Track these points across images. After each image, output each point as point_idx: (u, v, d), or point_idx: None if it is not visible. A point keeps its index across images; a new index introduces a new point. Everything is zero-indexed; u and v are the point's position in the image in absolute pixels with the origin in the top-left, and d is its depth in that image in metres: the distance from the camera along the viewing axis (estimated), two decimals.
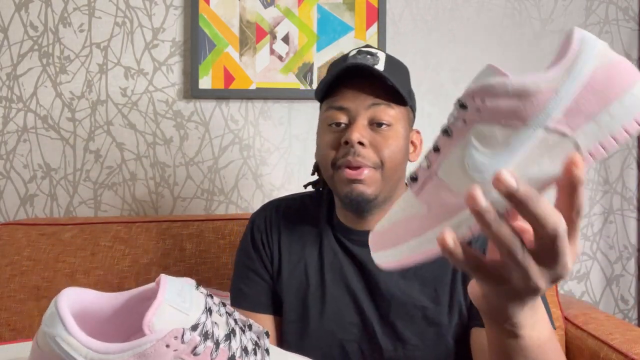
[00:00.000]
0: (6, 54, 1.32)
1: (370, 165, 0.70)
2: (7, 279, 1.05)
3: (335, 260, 0.78)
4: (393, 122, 0.73)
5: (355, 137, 0.69)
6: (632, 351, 0.86)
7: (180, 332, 0.35)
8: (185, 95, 1.33)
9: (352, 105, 0.72)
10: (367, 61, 0.72)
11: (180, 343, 0.35)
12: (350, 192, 0.71)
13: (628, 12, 1.37)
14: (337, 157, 0.72)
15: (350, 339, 0.76)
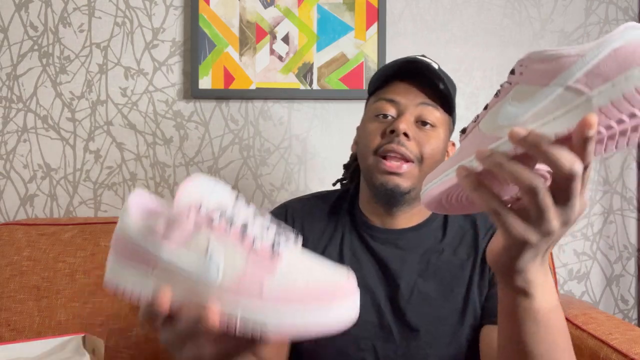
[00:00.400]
0: (6, 54, 1.32)
1: (412, 157, 0.73)
2: (7, 279, 1.05)
3: (354, 258, 0.79)
4: (437, 124, 0.76)
5: (402, 127, 0.72)
6: (632, 351, 0.86)
7: (198, 205, 0.42)
8: (185, 95, 1.33)
9: (403, 99, 0.75)
10: (424, 63, 0.75)
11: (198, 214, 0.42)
12: (387, 182, 0.73)
13: (628, 12, 1.37)
14: (381, 144, 0.74)
15: (366, 337, 0.76)
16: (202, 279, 0.41)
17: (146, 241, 0.43)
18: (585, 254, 1.38)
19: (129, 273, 0.44)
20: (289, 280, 0.41)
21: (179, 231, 0.42)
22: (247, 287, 0.41)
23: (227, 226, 0.42)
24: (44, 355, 0.76)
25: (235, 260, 0.41)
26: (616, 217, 1.38)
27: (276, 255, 0.42)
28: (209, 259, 0.41)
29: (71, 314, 1.03)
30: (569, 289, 1.38)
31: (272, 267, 0.41)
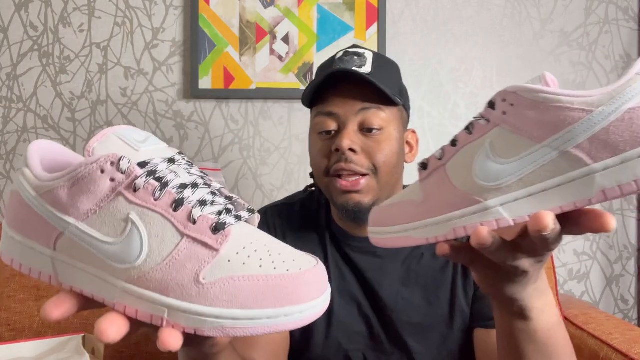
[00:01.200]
0: (6, 54, 1.32)
1: (364, 171, 0.68)
2: (7, 279, 1.05)
3: (338, 268, 0.77)
4: (384, 126, 0.70)
5: (345, 144, 0.67)
6: (632, 351, 0.86)
7: (117, 158, 0.31)
8: (185, 95, 1.33)
9: (340, 110, 0.70)
10: (354, 63, 0.70)
11: (116, 171, 0.31)
12: (347, 202, 0.70)
13: (628, 12, 1.37)
14: (329, 165, 0.70)
15: (356, 349, 0.75)
16: (119, 259, 0.31)
17: (44, 208, 0.32)
18: (585, 254, 1.38)
19: (23, 247, 0.34)
20: (235, 265, 0.31)
21: (88, 194, 0.31)
22: (179, 273, 0.31)
23: (155, 190, 0.32)
24: (44, 355, 0.76)
25: (166, 236, 0.31)
26: (616, 217, 1.38)
27: (219, 233, 0.32)
28: (129, 232, 0.31)
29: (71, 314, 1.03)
30: (569, 289, 1.38)
31: (214, 249, 0.31)
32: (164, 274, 0.31)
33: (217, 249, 0.31)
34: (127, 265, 0.31)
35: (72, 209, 0.32)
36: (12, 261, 0.35)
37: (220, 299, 0.30)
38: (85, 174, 0.31)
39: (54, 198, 0.32)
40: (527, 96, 0.33)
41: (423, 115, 1.35)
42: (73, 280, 0.33)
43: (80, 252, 0.32)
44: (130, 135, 0.34)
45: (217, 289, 0.30)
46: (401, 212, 0.39)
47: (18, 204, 0.34)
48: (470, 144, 0.36)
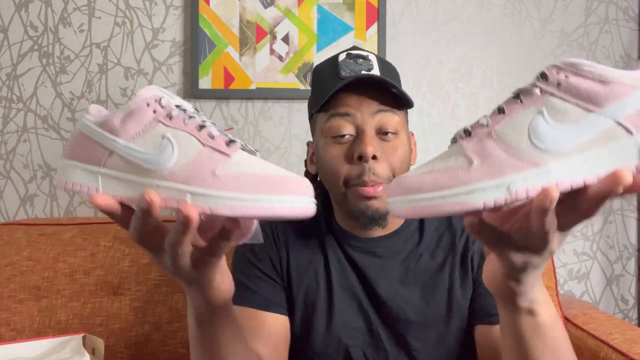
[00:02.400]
0: (6, 54, 1.32)
1: (385, 181, 0.69)
2: (7, 279, 1.05)
3: (340, 266, 0.78)
4: (399, 129, 0.71)
5: (370, 150, 0.67)
6: (632, 351, 0.86)
7: (159, 97, 0.42)
8: (185, 95, 1.33)
9: (357, 112, 0.69)
10: (362, 66, 0.70)
11: (159, 106, 0.42)
12: (366, 209, 0.70)
13: (628, 12, 1.37)
14: (350, 174, 0.69)
15: (356, 345, 0.76)
16: (154, 163, 0.41)
17: (101, 136, 0.43)
18: (585, 254, 1.38)
19: (77, 170, 0.44)
20: (243, 166, 0.40)
21: (136, 121, 0.42)
22: (200, 169, 0.40)
23: (185, 118, 0.42)
24: (44, 355, 0.76)
25: (191, 146, 0.41)
26: (616, 217, 1.38)
27: (232, 144, 0.42)
28: (164, 145, 0.41)
29: (71, 314, 1.03)
30: (569, 289, 1.38)
31: (226, 155, 0.41)
32: (188, 171, 0.40)
33: (229, 154, 0.41)
34: (160, 167, 0.41)
35: (123, 132, 0.42)
36: (65, 183, 0.44)
37: (231, 185, 0.39)
38: (135, 107, 0.42)
39: (109, 125, 0.42)
40: (583, 69, 0.36)
41: (423, 115, 1.35)
42: (114, 189, 0.42)
43: (125, 165, 0.42)
44: (167, 91, 0.45)
45: (228, 179, 0.39)
46: (445, 177, 0.37)
47: (77, 139, 0.44)
48: (522, 111, 0.38)
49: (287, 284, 0.79)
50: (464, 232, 0.77)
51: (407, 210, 0.39)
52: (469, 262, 0.76)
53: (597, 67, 0.36)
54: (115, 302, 1.04)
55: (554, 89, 0.37)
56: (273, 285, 0.78)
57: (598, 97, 0.35)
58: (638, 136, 0.35)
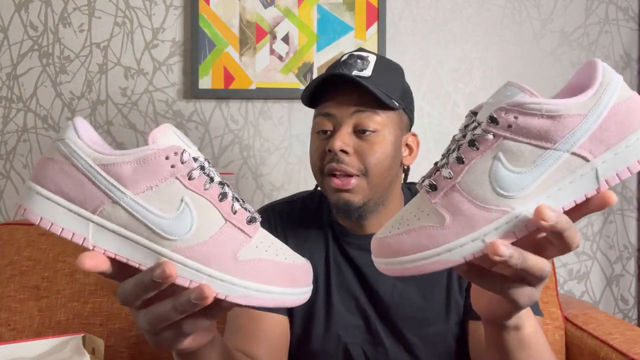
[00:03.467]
0: (6, 54, 1.32)
1: (355, 172, 0.70)
2: (7, 279, 1.05)
3: (337, 264, 0.79)
4: (379, 128, 0.72)
5: (337, 145, 0.69)
6: (632, 351, 0.86)
7: (181, 150, 0.38)
8: (185, 95, 1.33)
9: (336, 112, 0.72)
10: (356, 66, 0.72)
11: (179, 161, 0.38)
12: (337, 200, 0.72)
13: (628, 12, 1.37)
14: (323, 164, 0.73)
15: (355, 342, 0.76)
16: (168, 230, 0.37)
17: (102, 180, 0.37)
18: (585, 254, 1.38)
19: (60, 209, 0.37)
20: (261, 250, 0.39)
21: (150, 173, 0.37)
22: (221, 249, 0.37)
23: (206, 182, 0.38)
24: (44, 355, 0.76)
25: (212, 219, 0.38)
26: (616, 217, 1.38)
27: (253, 223, 0.40)
28: (181, 210, 0.37)
29: (71, 314, 1.03)
30: (569, 289, 1.38)
31: (247, 235, 0.39)
32: (208, 248, 0.37)
33: (251, 235, 0.39)
34: (176, 237, 0.37)
35: (132, 183, 0.37)
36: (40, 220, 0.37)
37: (250, 274, 0.38)
38: (152, 156, 0.37)
39: (115, 171, 0.37)
40: (530, 108, 0.37)
41: (423, 115, 1.35)
42: (108, 244, 0.37)
43: (129, 221, 0.37)
44: (180, 134, 0.40)
45: (248, 266, 0.38)
46: (423, 237, 0.39)
47: (62, 169, 0.37)
48: (480, 158, 0.38)
49: None
50: None
51: (395, 271, 0.40)
52: None
53: (542, 103, 0.36)
54: (115, 302, 1.04)
55: (505, 131, 0.37)
56: None
57: (549, 133, 0.36)
58: (594, 161, 0.36)
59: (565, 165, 0.37)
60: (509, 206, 0.37)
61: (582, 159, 0.36)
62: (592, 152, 0.36)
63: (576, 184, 0.37)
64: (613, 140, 0.36)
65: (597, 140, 0.36)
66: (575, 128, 0.36)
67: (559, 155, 0.36)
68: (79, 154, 0.37)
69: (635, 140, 0.36)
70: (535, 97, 0.37)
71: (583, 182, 0.37)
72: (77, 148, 0.37)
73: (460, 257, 0.38)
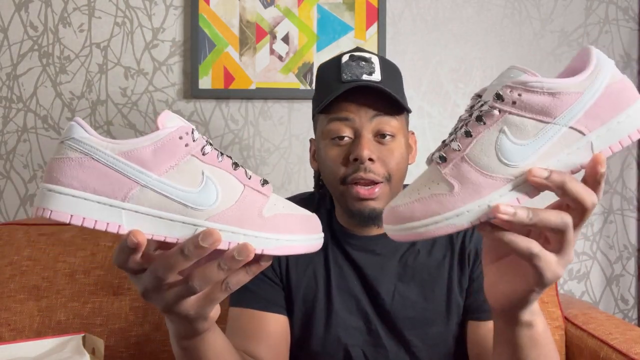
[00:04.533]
0: (6, 54, 1.32)
1: (380, 180, 0.71)
2: (7, 279, 1.05)
3: (338, 265, 0.79)
4: (396, 133, 0.73)
5: (365, 154, 0.69)
6: (632, 351, 0.86)
7: (190, 129, 0.41)
8: (185, 95, 1.33)
9: (355, 117, 0.71)
10: (364, 70, 0.72)
11: (191, 139, 0.41)
12: (363, 209, 0.72)
13: (628, 12, 1.37)
14: (347, 173, 0.71)
15: (355, 344, 0.76)
16: (197, 202, 0.40)
17: (126, 167, 0.39)
18: (585, 254, 1.38)
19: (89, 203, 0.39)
20: (278, 207, 0.44)
21: (169, 154, 0.40)
22: (247, 211, 0.41)
23: (217, 155, 0.42)
24: (44, 355, 0.76)
25: (232, 187, 0.42)
26: (616, 217, 1.38)
27: (266, 185, 0.44)
28: (205, 183, 0.40)
29: (71, 314, 1.03)
30: (569, 289, 1.38)
31: (265, 196, 0.43)
32: (236, 212, 0.41)
33: (268, 195, 0.44)
34: (206, 207, 0.40)
35: (154, 165, 0.39)
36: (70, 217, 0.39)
37: (277, 227, 0.42)
38: (167, 138, 0.40)
39: (138, 156, 0.39)
40: (532, 86, 0.40)
41: (423, 115, 1.35)
42: (143, 227, 0.39)
43: (160, 201, 0.40)
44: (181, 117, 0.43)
45: (273, 221, 0.42)
46: (432, 204, 0.42)
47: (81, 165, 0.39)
48: (486, 132, 0.42)
49: (286, 284, 0.79)
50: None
51: (405, 236, 0.43)
52: (467, 259, 0.77)
53: (544, 81, 0.40)
54: (115, 302, 1.04)
55: (510, 107, 0.41)
56: (272, 286, 0.78)
57: (550, 108, 0.40)
58: (589, 135, 0.40)
59: (564, 138, 0.40)
60: (512, 175, 0.40)
61: (578, 132, 0.40)
62: (588, 126, 0.40)
63: (573, 156, 0.40)
64: (606, 117, 0.40)
65: (592, 116, 0.40)
66: (573, 104, 0.40)
67: (558, 129, 0.40)
68: (97, 147, 0.39)
69: (626, 117, 0.40)
70: (537, 77, 0.40)
71: (579, 153, 0.40)
72: (93, 143, 0.39)
73: (467, 222, 0.41)
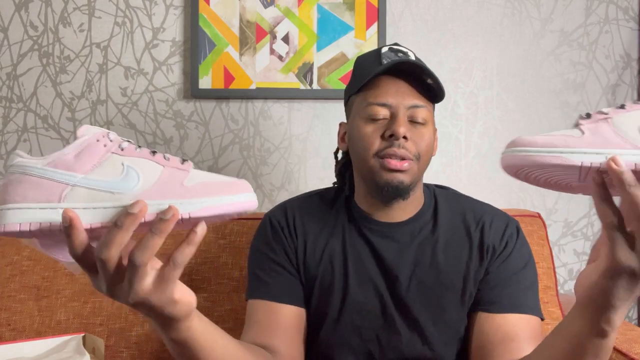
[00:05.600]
0: (6, 54, 1.32)
1: (411, 157, 0.75)
2: (7, 279, 1.05)
3: (355, 250, 0.81)
4: (427, 120, 0.78)
5: (402, 130, 0.74)
6: (632, 351, 0.86)
7: (106, 133, 0.47)
8: (185, 95, 1.33)
9: (394, 101, 0.76)
10: (402, 58, 0.77)
11: (108, 140, 0.47)
12: (392, 179, 0.75)
13: (628, 12, 1.37)
14: (381, 147, 0.76)
15: (369, 327, 0.78)
16: (123, 188, 0.44)
17: (54, 173, 0.45)
18: (585, 253, 1.38)
19: (31, 211, 0.44)
20: (201, 177, 0.47)
21: (90, 155, 0.46)
22: (169, 185, 0.45)
23: (135, 148, 0.47)
24: (44, 355, 0.76)
25: (152, 169, 0.46)
26: None
27: (186, 162, 0.48)
28: (126, 172, 0.45)
29: (71, 314, 1.03)
30: (569, 288, 1.38)
31: (185, 170, 0.47)
32: (158, 187, 0.45)
33: (188, 170, 0.47)
34: (130, 190, 0.45)
35: (79, 167, 0.45)
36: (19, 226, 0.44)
37: (200, 192, 0.45)
38: (85, 143, 0.46)
39: (62, 162, 0.45)
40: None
41: None
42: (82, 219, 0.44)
43: (90, 195, 0.45)
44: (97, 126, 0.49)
45: (196, 188, 0.46)
46: (558, 139, 0.44)
47: (18, 182, 0.45)
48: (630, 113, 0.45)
49: (304, 273, 0.81)
50: (478, 224, 0.81)
51: (515, 157, 0.46)
52: (485, 252, 0.79)
53: None
54: (115, 302, 1.04)
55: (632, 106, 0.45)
56: (288, 277, 0.80)
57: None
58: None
59: None
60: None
61: None
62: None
63: None
64: None
65: None
66: None
67: None
68: (28, 165, 0.45)
69: None
70: None
71: None
72: (26, 162, 0.45)
73: (579, 160, 0.43)
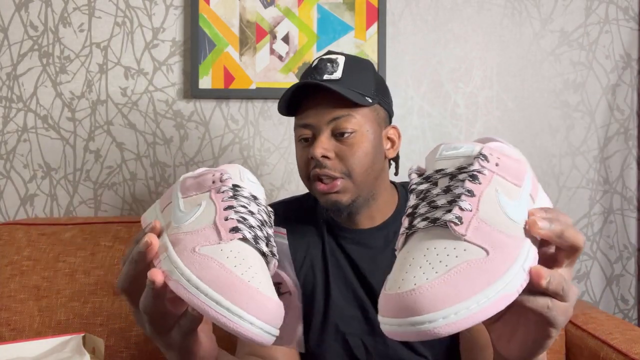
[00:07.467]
0: (6, 54, 1.32)
1: (338, 175, 0.73)
2: (7, 278, 1.05)
3: (334, 257, 0.81)
4: (357, 128, 0.74)
5: (318, 152, 0.72)
6: (632, 351, 0.86)
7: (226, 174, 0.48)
8: (185, 95, 1.33)
9: (313, 121, 0.75)
10: (327, 70, 0.74)
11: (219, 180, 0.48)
12: (326, 202, 0.76)
13: (628, 12, 1.37)
14: (308, 170, 0.76)
15: (353, 333, 0.78)
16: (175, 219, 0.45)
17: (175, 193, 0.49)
18: (585, 253, 1.38)
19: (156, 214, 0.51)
20: (223, 257, 0.40)
21: (197, 186, 0.48)
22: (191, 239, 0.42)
23: (226, 197, 0.46)
24: (44, 355, 0.76)
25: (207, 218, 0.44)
26: (616, 217, 1.38)
27: (233, 233, 0.42)
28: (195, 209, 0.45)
29: (71, 314, 1.03)
30: None
31: (221, 238, 0.42)
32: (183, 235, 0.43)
33: (223, 239, 0.42)
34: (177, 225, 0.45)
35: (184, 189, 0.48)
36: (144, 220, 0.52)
37: (194, 265, 0.39)
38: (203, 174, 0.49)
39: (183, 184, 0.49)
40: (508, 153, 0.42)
41: (423, 115, 1.35)
42: None
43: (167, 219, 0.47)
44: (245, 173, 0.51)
45: (198, 258, 0.40)
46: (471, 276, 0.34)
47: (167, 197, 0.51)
48: (486, 190, 0.40)
49: None
50: None
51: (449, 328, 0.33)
52: None
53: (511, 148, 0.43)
54: (115, 302, 1.04)
55: (495, 168, 0.41)
56: None
57: (519, 174, 0.41)
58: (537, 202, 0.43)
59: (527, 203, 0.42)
60: (522, 232, 0.39)
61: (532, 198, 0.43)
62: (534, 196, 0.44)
63: None
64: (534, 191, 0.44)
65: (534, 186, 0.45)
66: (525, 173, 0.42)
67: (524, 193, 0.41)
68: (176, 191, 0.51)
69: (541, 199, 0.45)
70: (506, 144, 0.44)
71: None
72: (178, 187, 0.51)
73: (515, 290, 0.35)
